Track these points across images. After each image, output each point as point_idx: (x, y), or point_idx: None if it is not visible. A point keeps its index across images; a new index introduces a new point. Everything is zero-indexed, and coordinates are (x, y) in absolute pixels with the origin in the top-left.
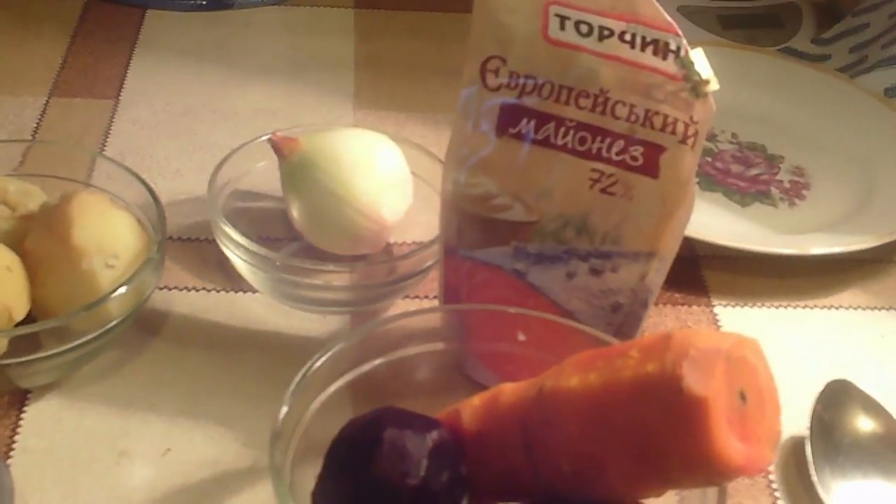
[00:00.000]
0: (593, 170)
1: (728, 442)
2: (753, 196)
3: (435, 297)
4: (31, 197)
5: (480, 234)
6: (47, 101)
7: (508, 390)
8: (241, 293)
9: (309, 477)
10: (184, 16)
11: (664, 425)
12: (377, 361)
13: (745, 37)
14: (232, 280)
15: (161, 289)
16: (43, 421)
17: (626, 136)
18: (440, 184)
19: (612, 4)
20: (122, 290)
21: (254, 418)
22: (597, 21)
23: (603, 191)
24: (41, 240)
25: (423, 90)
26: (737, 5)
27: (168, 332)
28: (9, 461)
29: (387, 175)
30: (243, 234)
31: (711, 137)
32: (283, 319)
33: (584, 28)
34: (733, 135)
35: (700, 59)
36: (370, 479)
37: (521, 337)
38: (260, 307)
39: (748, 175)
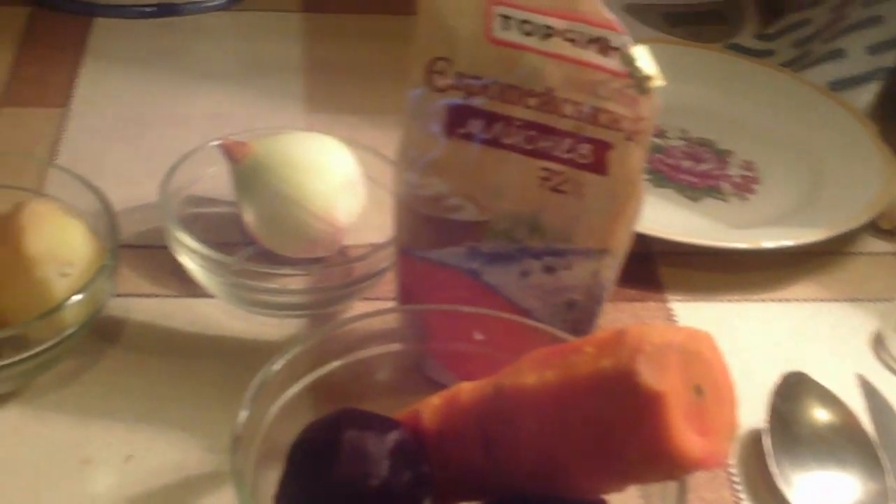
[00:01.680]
0: (543, 168)
1: (685, 436)
2: (704, 191)
3: (392, 298)
4: None
5: (434, 234)
6: None
7: (467, 389)
8: (197, 299)
9: (271, 480)
10: (132, 23)
11: (621, 420)
12: (336, 363)
13: (690, 33)
14: (188, 286)
15: (117, 296)
16: (2, 430)
17: (573, 134)
18: (393, 186)
19: (554, 3)
20: (78, 298)
21: (215, 423)
22: (540, 20)
23: (553, 189)
24: None
25: (373, 93)
26: (682, 2)
27: (126, 340)
28: None
29: (339, 177)
30: (197, 239)
31: (661, 134)
32: (241, 324)
33: (527, 27)
34: (682, 131)
35: (644, 56)
36: (332, 481)
37: (478, 336)
38: (217, 312)
39: (698, 170)
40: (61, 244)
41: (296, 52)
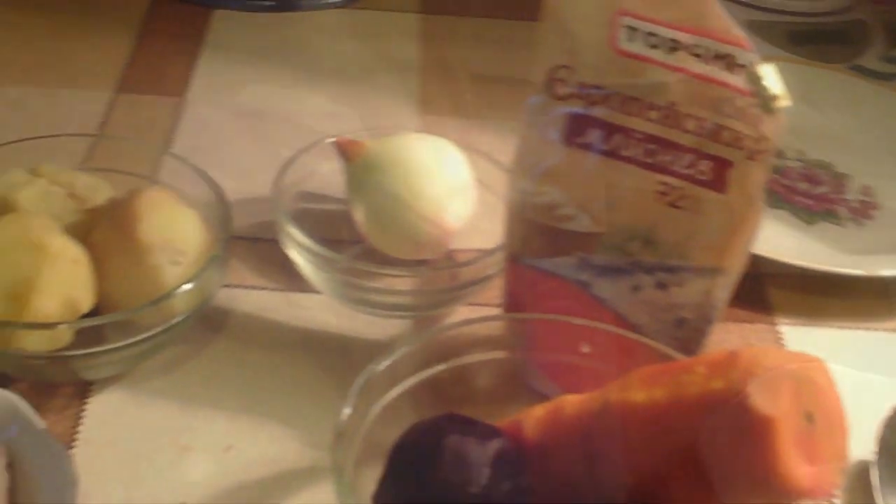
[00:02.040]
0: (660, 182)
1: (794, 463)
2: (820, 214)
3: (497, 305)
4: (98, 191)
5: (545, 243)
6: (114, 97)
7: (572, 402)
8: (303, 293)
9: (369, 479)
10: (251, 16)
11: (730, 443)
12: (440, 367)
13: (813, 53)
14: (295, 280)
15: (225, 286)
16: (106, 413)
17: (694, 150)
18: (503, 191)
19: (682, 17)
20: (188, 286)
21: (315, 418)
22: (666, 33)
23: (670, 204)
24: (107, 234)
25: (488, 97)
26: (805, 21)
27: (231, 330)
28: (72, 451)
29: (451, 181)
30: (307, 235)
31: (778, 154)
32: (345, 321)
33: (653, 40)
34: (800, 151)
35: (771, 75)
36: (431, 484)
37: (585, 349)
38: (322, 308)
39: (815, 193)
40: (174, 233)
41: (412, 52)
